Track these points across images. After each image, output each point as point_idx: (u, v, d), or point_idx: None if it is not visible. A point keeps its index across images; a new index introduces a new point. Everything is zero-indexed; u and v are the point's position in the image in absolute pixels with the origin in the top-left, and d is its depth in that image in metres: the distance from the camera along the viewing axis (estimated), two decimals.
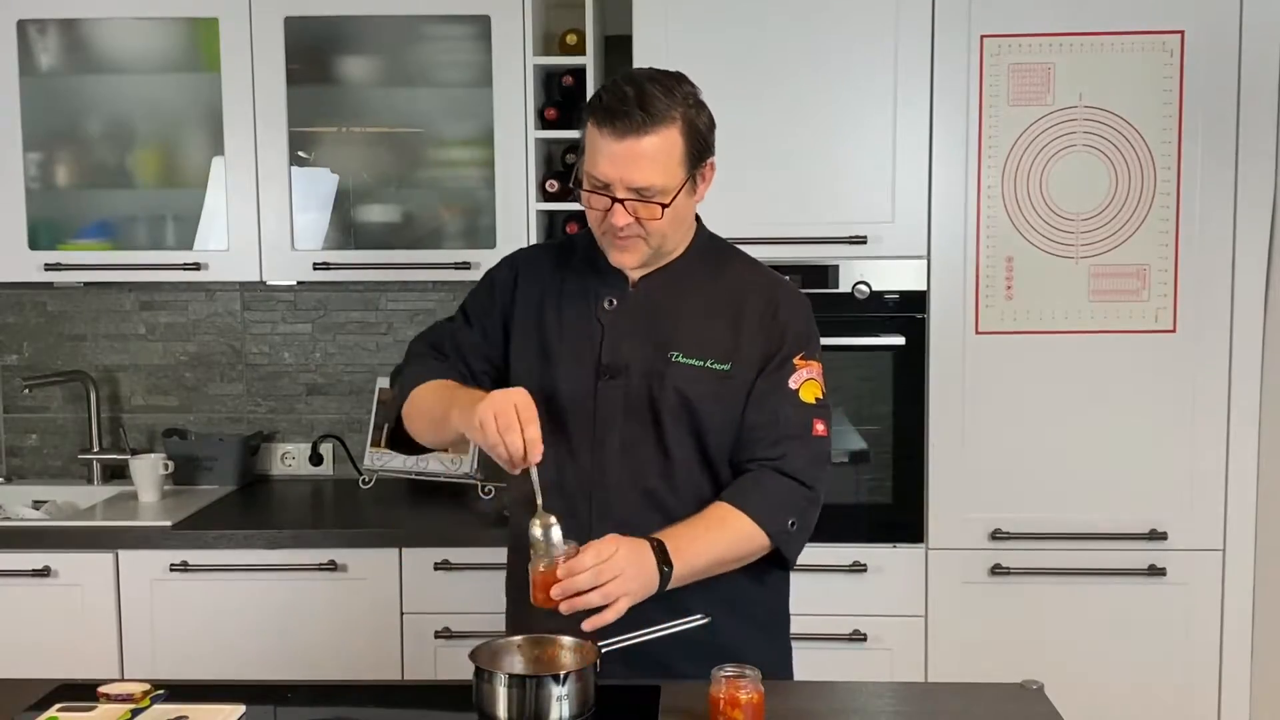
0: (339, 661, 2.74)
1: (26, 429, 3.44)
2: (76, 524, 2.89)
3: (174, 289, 3.37)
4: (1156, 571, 2.77)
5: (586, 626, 1.66)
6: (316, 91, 3.09)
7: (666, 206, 1.80)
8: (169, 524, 2.83)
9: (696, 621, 1.74)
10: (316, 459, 3.37)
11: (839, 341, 2.62)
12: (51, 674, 1.90)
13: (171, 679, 1.82)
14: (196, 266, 3.04)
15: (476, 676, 1.64)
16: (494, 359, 1.97)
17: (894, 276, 2.77)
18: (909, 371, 2.80)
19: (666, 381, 1.86)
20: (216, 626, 2.78)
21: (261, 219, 3.02)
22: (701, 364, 1.86)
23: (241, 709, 1.70)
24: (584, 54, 2.92)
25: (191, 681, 1.87)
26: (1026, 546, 2.77)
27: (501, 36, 2.93)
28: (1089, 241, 2.74)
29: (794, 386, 1.87)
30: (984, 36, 2.71)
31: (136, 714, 1.68)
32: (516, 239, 2.92)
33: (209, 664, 2.71)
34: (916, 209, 2.75)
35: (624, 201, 1.79)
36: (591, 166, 1.81)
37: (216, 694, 1.75)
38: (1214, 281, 2.72)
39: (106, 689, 1.73)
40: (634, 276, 1.91)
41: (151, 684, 1.76)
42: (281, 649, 2.76)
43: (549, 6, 3.11)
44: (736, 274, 1.95)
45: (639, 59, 2.72)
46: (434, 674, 2.73)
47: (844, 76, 2.74)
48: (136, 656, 2.79)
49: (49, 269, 3.05)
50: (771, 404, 1.86)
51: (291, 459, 3.40)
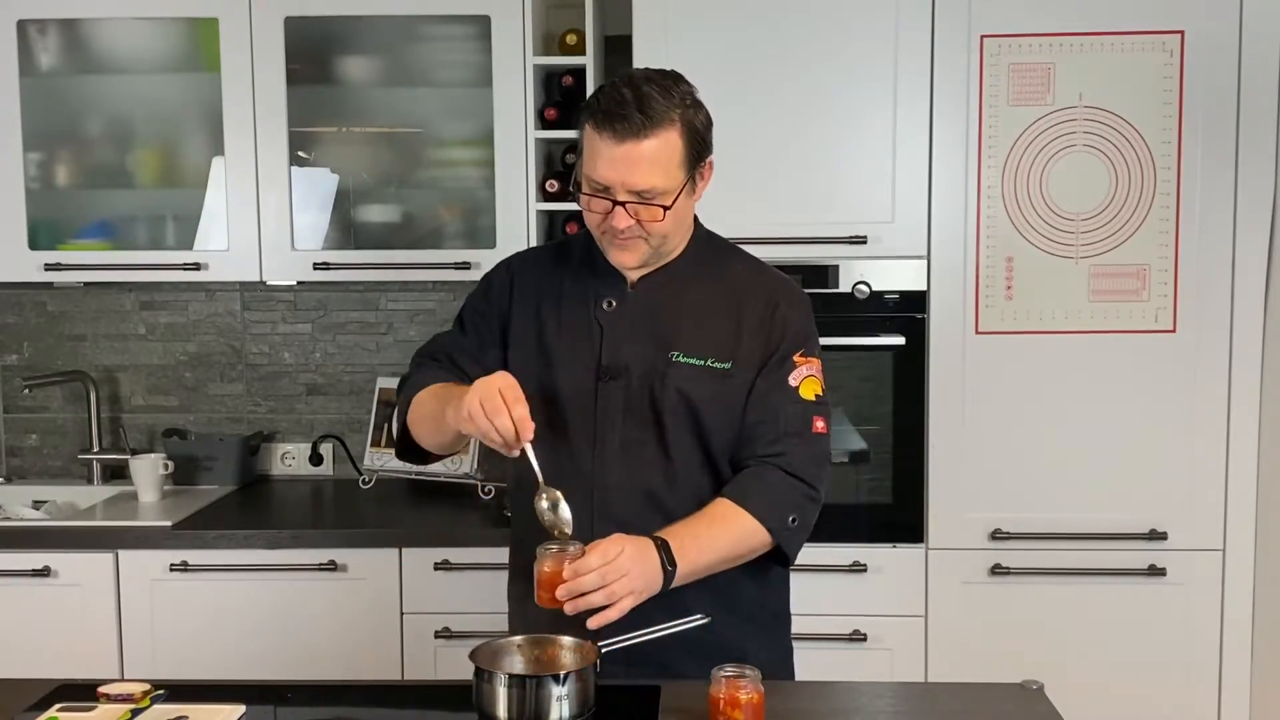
0: (339, 661, 2.74)
1: (26, 429, 3.44)
2: (76, 524, 2.89)
3: (174, 289, 3.37)
4: (1156, 571, 2.77)
5: (593, 624, 1.67)
6: (316, 91, 3.09)
7: (668, 209, 1.79)
8: (169, 524, 2.83)
9: (696, 621, 1.74)
10: (316, 459, 3.37)
11: (839, 341, 2.63)
12: (51, 674, 1.90)
13: (171, 679, 1.82)
14: (196, 267, 3.04)
15: (476, 676, 1.64)
16: (491, 363, 1.97)
17: (894, 276, 2.77)
18: (909, 371, 2.80)
19: (668, 382, 1.86)
20: (216, 626, 2.78)
21: (261, 219, 3.02)
22: (702, 363, 1.86)
23: (241, 709, 1.70)
24: (584, 54, 2.92)
25: (191, 681, 1.87)
26: (1026, 546, 2.77)
27: (501, 36, 2.93)
28: (1089, 241, 2.74)
29: (794, 384, 1.87)
30: (984, 36, 2.71)
31: (136, 714, 1.68)
32: (516, 239, 2.92)
33: (209, 664, 2.72)
34: (916, 209, 2.75)
35: (625, 204, 1.78)
36: (590, 170, 1.80)
37: (216, 694, 1.75)
38: (1214, 281, 2.72)
39: (106, 689, 1.73)
40: (633, 277, 1.91)
41: (151, 684, 1.76)
42: (281, 649, 2.76)
43: (549, 6, 3.11)
44: (736, 272, 1.95)
45: (639, 59, 2.72)
46: (434, 674, 2.73)
47: (844, 76, 2.74)
48: (136, 656, 2.78)
49: (49, 269, 3.05)
50: (772, 401, 1.86)
51: (291, 459, 3.40)
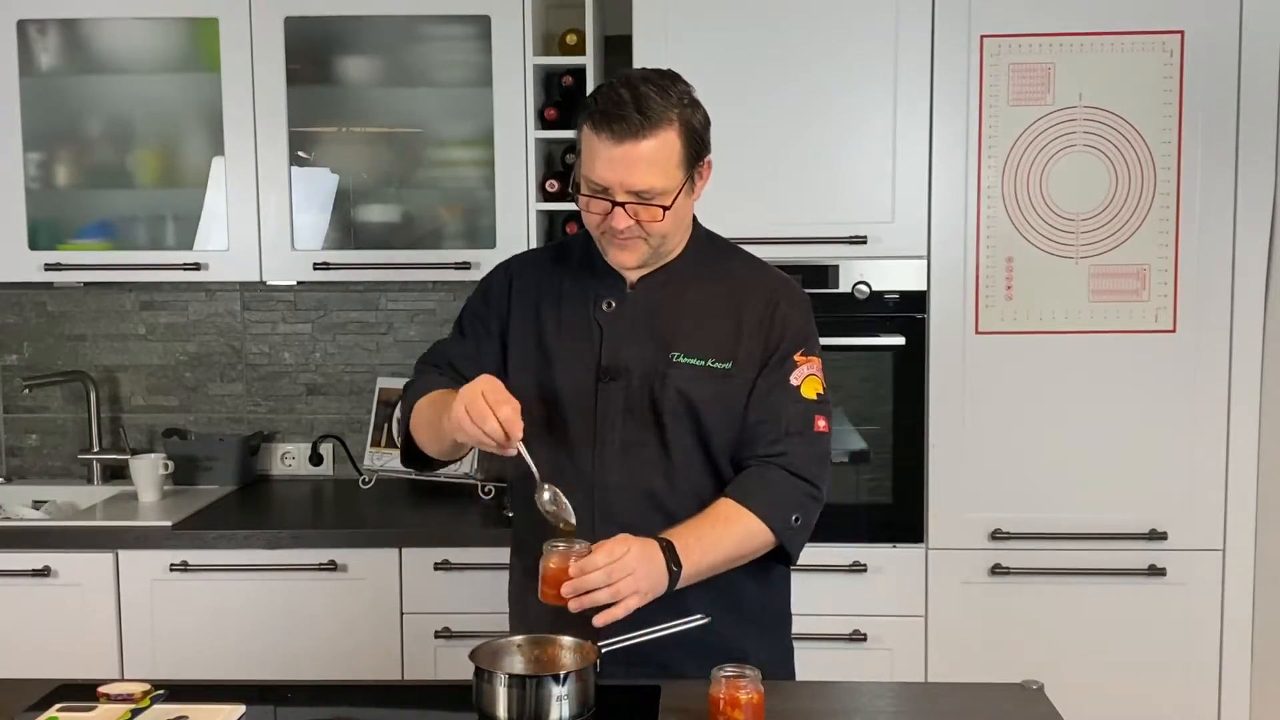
0: (339, 661, 2.74)
1: (26, 429, 3.44)
2: (76, 524, 2.89)
3: (174, 289, 3.37)
4: (1156, 571, 2.77)
5: (599, 621, 1.67)
6: (316, 91, 3.09)
7: (668, 209, 1.79)
8: (169, 524, 2.83)
9: (696, 621, 1.74)
10: (316, 459, 3.37)
11: (839, 341, 2.63)
12: (51, 674, 1.90)
13: (171, 679, 1.82)
14: (196, 266, 3.04)
15: (476, 676, 1.64)
16: (491, 367, 1.96)
17: (894, 276, 2.77)
18: (909, 371, 2.80)
19: (668, 382, 1.86)
20: (216, 626, 2.78)
21: (261, 219, 3.02)
22: (703, 363, 1.86)
23: (241, 709, 1.70)
24: (584, 54, 2.92)
25: (191, 681, 1.87)
26: (1026, 546, 2.77)
27: (501, 36, 2.93)
28: (1089, 241, 2.74)
29: (795, 383, 1.87)
30: (984, 36, 2.71)
31: (136, 714, 1.68)
32: (516, 239, 2.92)
33: (209, 664, 2.72)
34: (916, 209, 2.75)
35: (624, 205, 1.78)
36: (589, 171, 1.80)
37: (216, 694, 1.75)
38: (1214, 281, 2.72)
39: (106, 689, 1.73)
40: (632, 277, 1.91)
41: (151, 684, 1.76)
42: (281, 649, 2.76)
43: (549, 6, 3.11)
44: (735, 272, 1.95)
45: (639, 59, 2.72)
46: (434, 674, 2.73)
47: (844, 76, 2.74)
48: (136, 656, 2.78)
49: (49, 269, 3.05)
50: (773, 401, 1.86)
51: (291, 459, 3.39)
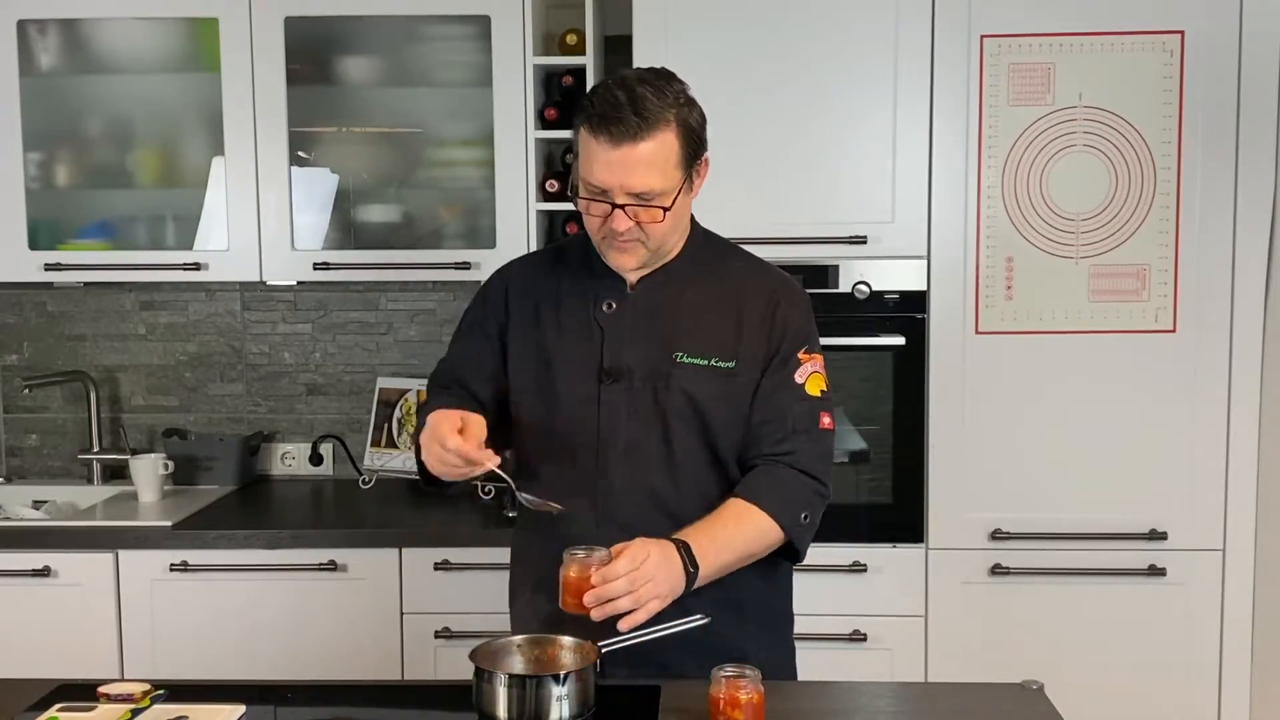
0: (339, 661, 2.74)
1: (26, 429, 3.44)
2: (76, 524, 2.89)
3: (174, 289, 3.37)
4: (1156, 571, 2.77)
5: (622, 627, 1.67)
6: (316, 91, 3.09)
7: (668, 210, 1.79)
8: (169, 524, 2.83)
9: (696, 621, 1.74)
10: (316, 459, 3.37)
11: (839, 341, 2.62)
12: (51, 674, 1.90)
13: (171, 679, 1.82)
14: (196, 266, 3.04)
15: (476, 676, 1.64)
16: (493, 375, 1.96)
17: (894, 276, 2.77)
18: (909, 371, 2.80)
19: (672, 383, 1.86)
20: (216, 626, 2.78)
21: (261, 219, 3.02)
22: (706, 363, 1.86)
23: (241, 709, 1.70)
24: (584, 54, 2.92)
25: (191, 681, 1.87)
26: (1026, 546, 2.77)
27: (501, 36, 2.93)
28: (1089, 242, 2.74)
29: (800, 381, 1.88)
30: (984, 36, 2.71)
31: (136, 714, 1.68)
32: (516, 239, 2.93)
33: (209, 664, 2.72)
34: (916, 209, 2.75)
35: (624, 207, 1.78)
36: (587, 174, 1.79)
37: (216, 694, 1.75)
38: (1214, 281, 2.72)
39: (106, 689, 1.73)
40: (632, 278, 1.91)
41: (151, 684, 1.76)
42: (281, 649, 2.76)
43: (549, 6, 3.11)
44: (735, 271, 1.94)
45: (639, 59, 2.72)
46: (434, 674, 2.73)
47: (844, 76, 2.74)
48: (136, 656, 2.78)
49: (49, 269, 3.05)
50: (778, 400, 1.87)
51: (291, 459, 3.39)
